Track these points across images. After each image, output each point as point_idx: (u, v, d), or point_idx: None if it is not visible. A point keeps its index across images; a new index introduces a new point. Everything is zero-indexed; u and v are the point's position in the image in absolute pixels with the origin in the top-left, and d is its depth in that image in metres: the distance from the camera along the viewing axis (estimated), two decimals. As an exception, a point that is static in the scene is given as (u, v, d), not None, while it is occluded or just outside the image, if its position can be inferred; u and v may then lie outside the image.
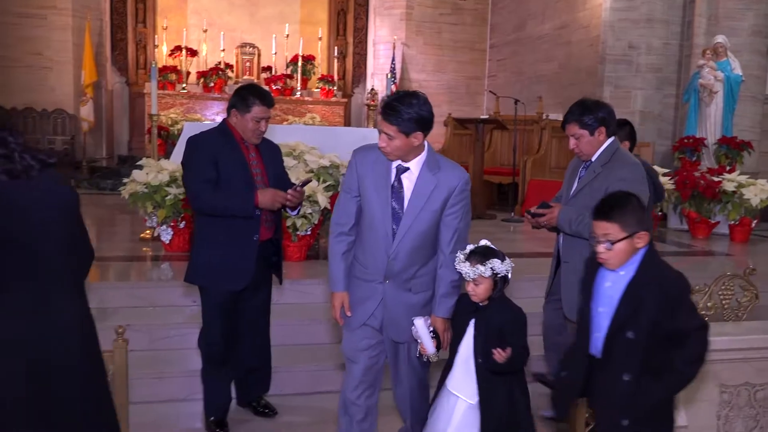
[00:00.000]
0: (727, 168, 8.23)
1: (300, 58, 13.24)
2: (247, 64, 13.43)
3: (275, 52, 13.28)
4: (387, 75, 11.87)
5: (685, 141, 8.91)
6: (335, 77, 13.64)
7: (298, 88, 13.19)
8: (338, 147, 5.79)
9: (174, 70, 12.69)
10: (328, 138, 6.36)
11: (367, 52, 14.25)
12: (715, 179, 7.73)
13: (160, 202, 5.49)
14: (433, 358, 2.96)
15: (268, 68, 13.48)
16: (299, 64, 13.22)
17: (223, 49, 13.02)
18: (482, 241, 2.92)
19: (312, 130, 8.51)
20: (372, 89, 13.46)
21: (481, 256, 2.82)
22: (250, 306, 3.67)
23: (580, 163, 3.51)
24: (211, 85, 12.76)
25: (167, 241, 5.68)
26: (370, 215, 2.91)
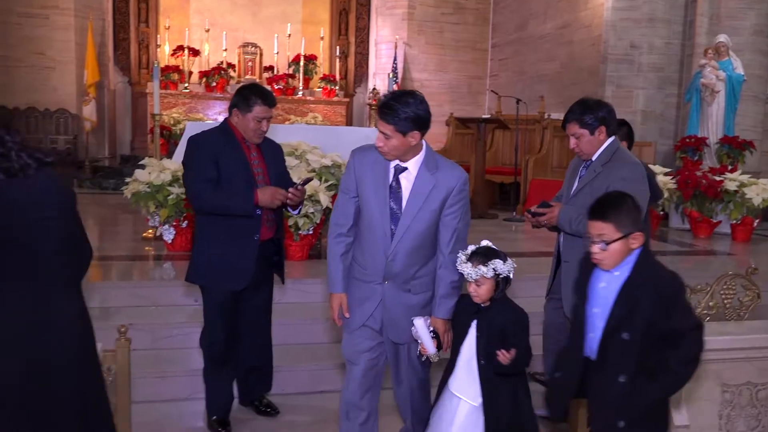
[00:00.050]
0: (729, 167, 8.22)
1: (302, 58, 13.26)
2: (250, 64, 13.43)
3: (277, 52, 13.29)
4: (389, 74, 11.88)
5: (687, 140, 8.92)
6: (337, 77, 13.65)
7: (300, 88, 13.20)
8: (340, 146, 5.79)
9: (176, 69, 12.71)
10: (330, 137, 6.37)
11: (369, 51, 14.26)
12: (717, 179, 7.72)
13: (163, 202, 5.50)
14: (434, 359, 2.93)
15: (270, 68, 13.50)
16: (301, 64, 13.23)
17: (226, 49, 13.03)
18: (483, 241, 2.90)
19: (314, 129, 8.51)
20: (374, 89, 13.47)
21: (483, 256, 2.79)
22: (251, 305, 3.67)
23: (580, 162, 3.50)
24: (214, 84, 12.77)
25: (169, 241, 5.69)
26: (368, 216, 2.89)
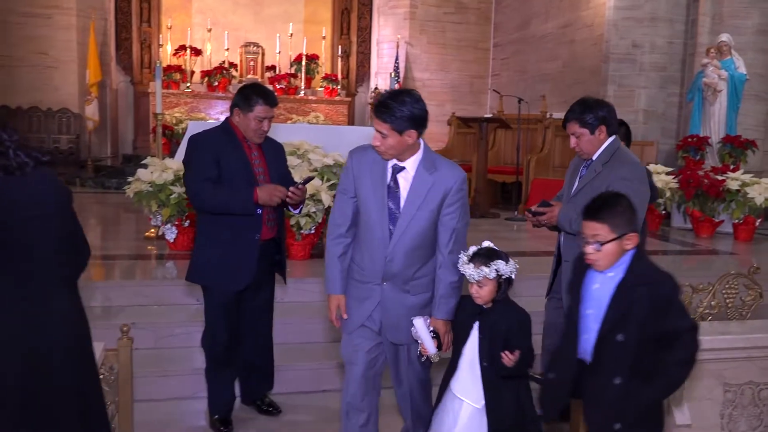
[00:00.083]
0: (731, 167, 8.20)
1: (304, 58, 13.26)
2: (251, 63, 13.44)
3: (279, 52, 13.29)
4: (391, 74, 11.90)
5: (689, 140, 8.90)
6: (339, 76, 13.65)
7: (302, 87, 13.19)
8: (342, 146, 5.78)
9: (178, 69, 12.72)
10: (332, 137, 6.37)
11: (371, 51, 14.26)
12: (719, 178, 7.71)
13: (165, 201, 5.50)
14: (435, 359, 2.90)
15: (272, 67, 13.50)
16: (303, 63, 13.23)
17: (227, 49, 13.03)
18: (485, 242, 2.87)
19: (316, 129, 8.51)
20: (376, 88, 13.47)
21: (485, 257, 2.77)
22: (253, 305, 3.67)
23: (581, 162, 3.50)
24: (215, 84, 12.77)
25: (172, 240, 5.70)
26: (366, 216, 2.87)
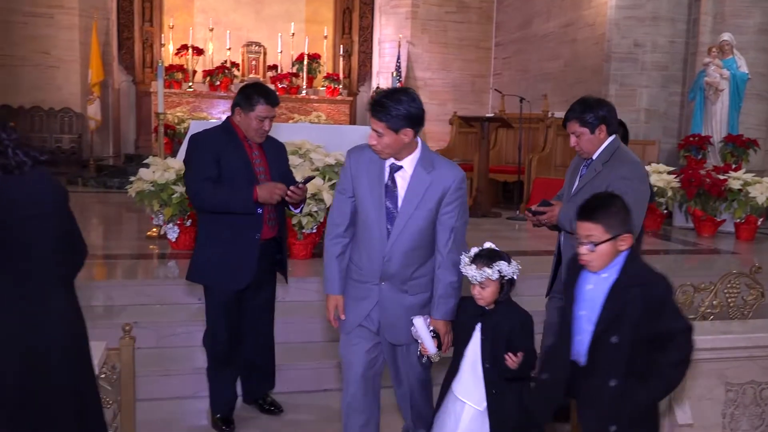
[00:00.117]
0: (733, 166, 8.19)
1: (305, 57, 13.26)
2: (253, 63, 13.45)
3: (281, 51, 13.30)
4: (392, 73, 11.89)
5: (691, 139, 8.90)
6: (341, 76, 13.67)
7: (304, 87, 13.20)
8: (344, 145, 5.76)
9: (180, 68, 12.73)
10: (334, 136, 6.37)
11: (373, 50, 14.26)
12: (721, 177, 7.70)
13: (167, 201, 5.51)
14: (435, 359, 2.88)
15: (274, 67, 13.51)
16: (305, 63, 13.24)
17: (229, 48, 13.05)
18: (486, 243, 2.85)
19: (317, 128, 8.51)
20: (377, 88, 13.46)
21: (487, 258, 2.75)
22: (254, 304, 3.67)
23: (581, 161, 3.49)
24: (217, 83, 12.79)
25: (174, 239, 5.70)
26: (364, 216, 2.86)
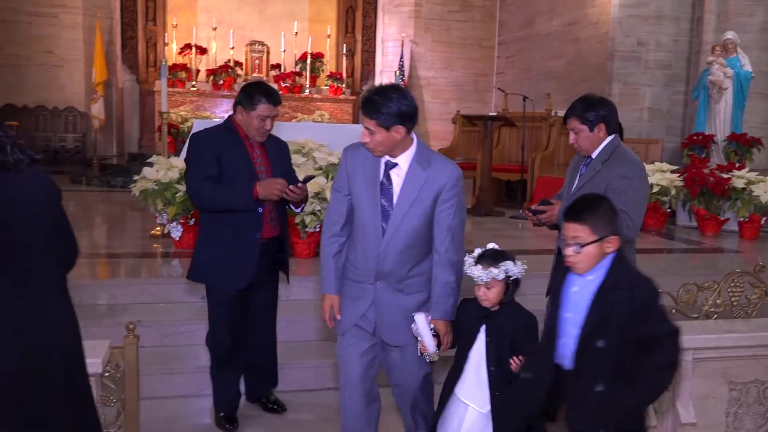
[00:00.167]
0: (737, 165, 8.18)
1: (309, 56, 13.26)
2: (257, 62, 13.46)
3: (284, 50, 13.30)
4: (395, 72, 11.90)
5: (695, 138, 8.87)
6: (344, 75, 13.66)
7: (307, 86, 13.20)
8: (347, 144, 5.78)
9: (184, 67, 12.74)
10: (337, 135, 6.38)
11: (376, 49, 14.25)
12: (725, 176, 7.68)
13: (171, 199, 5.52)
14: (434, 358, 2.82)
15: (277, 66, 13.51)
16: (308, 62, 13.24)
17: (233, 47, 13.05)
18: (489, 244, 2.83)
19: (321, 127, 8.54)
20: (380, 86, 13.46)
21: (492, 258, 2.73)
22: (255, 304, 3.67)
23: (581, 160, 3.48)
24: (221, 82, 12.80)
25: (177, 238, 5.71)
26: (359, 213, 2.83)
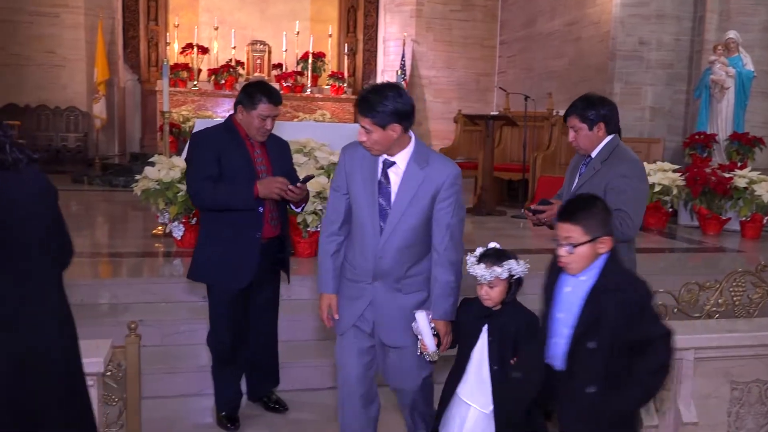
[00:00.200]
0: (739, 164, 8.17)
1: (310, 55, 13.24)
2: (258, 62, 13.45)
3: (286, 50, 13.29)
4: (397, 72, 11.87)
5: (696, 137, 8.86)
6: (345, 74, 13.64)
7: (309, 85, 13.19)
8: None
9: (185, 67, 12.73)
10: (339, 135, 6.38)
11: (378, 48, 14.25)
12: (726, 175, 7.68)
13: (172, 199, 5.52)
14: (434, 357, 2.81)
15: (279, 65, 13.51)
16: (309, 61, 13.22)
17: (234, 47, 13.04)
18: (491, 243, 2.82)
19: (322, 126, 8.54)
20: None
21: (495, 257, 2.72)
22: (256, 303, 3.67)
23: (581, 159, 3.48)
24: (222, 82, 12.79)
25: (179, 237, 5.71)
26: (357, 212, 2.83)
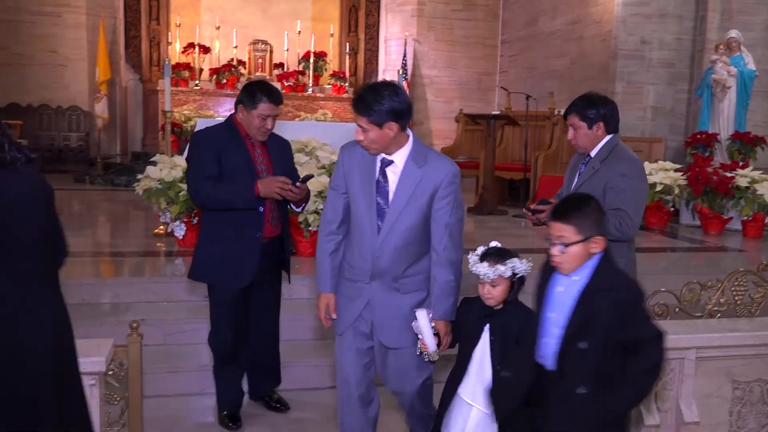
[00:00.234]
0: (740, 163, 8.17)
1: (312, 55, 13.26)
2: (260, 61, 13.46)
3: (287, 49, 13.30)
4: (398, 71, 11.89)
5: (698, 136, 8.86)
6: (347, 74, 13.64)
7: (310, 85, 13.19)
8: (350, 143, 5.79)
9: (187, 67, 12.74)
10: (340, 134, 6.36)
11: (379, 48, 14.26)
12: (728, 175, 7.67)
13: (174, 198, 5.53)
14: (434, 357, 2.80)
15: (280, 65, 13.53)
16: (311, 61, 13.23)
17: (236, 46, 13.06)
18: (492, 242, 2.81)
19: (324, 126, 8.54)
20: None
21: (497, 256, 2.71)
22: (257, 303, 3.67)
23: (580, 158, 3.48)
24: (224, 81, 12.79)
25: (181, 237, 5.72)
26: (356, 212, 2.82)
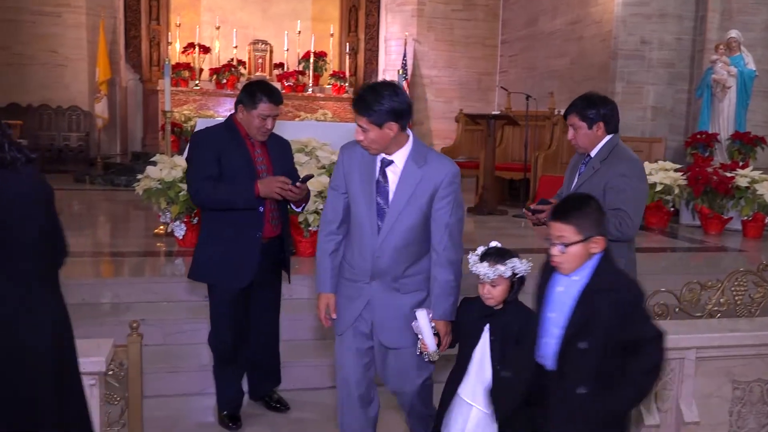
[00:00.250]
0: (740, 163, 8.17)
1: (312, 55, 13.26)
2: (260, 61, 13.46)
3: (287, 49, 13.30)
4: (398, 71, 11.89)
5: (698, 136, 8.86)
6: (347, 74, 13.65)
7: (310, 85, 13.19)
8: (350, 143, 5.79)
9: (187, 66, 12.75)
10: (340, 134, 6.37)
11: (379, 48, 14.26)
12: (728, 175, 7.67)
13: (174, 198, 5.53)
14: (434, 357, 2.80)
15: (281, 65, 13.53)
16: (311, 61, 13.23)
17: (236, 46, 13.06)
18: (492, 242, 2.82)
19: (324, 126, 8.54)
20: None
21: (498, 256, 2.71)
22: (257, 303, 3.66)
23: (580, 158, 3.48)
24: (224, 81, 12.79)
25: (181, 237, 5.72)
26: (356, 212, 2.82)
